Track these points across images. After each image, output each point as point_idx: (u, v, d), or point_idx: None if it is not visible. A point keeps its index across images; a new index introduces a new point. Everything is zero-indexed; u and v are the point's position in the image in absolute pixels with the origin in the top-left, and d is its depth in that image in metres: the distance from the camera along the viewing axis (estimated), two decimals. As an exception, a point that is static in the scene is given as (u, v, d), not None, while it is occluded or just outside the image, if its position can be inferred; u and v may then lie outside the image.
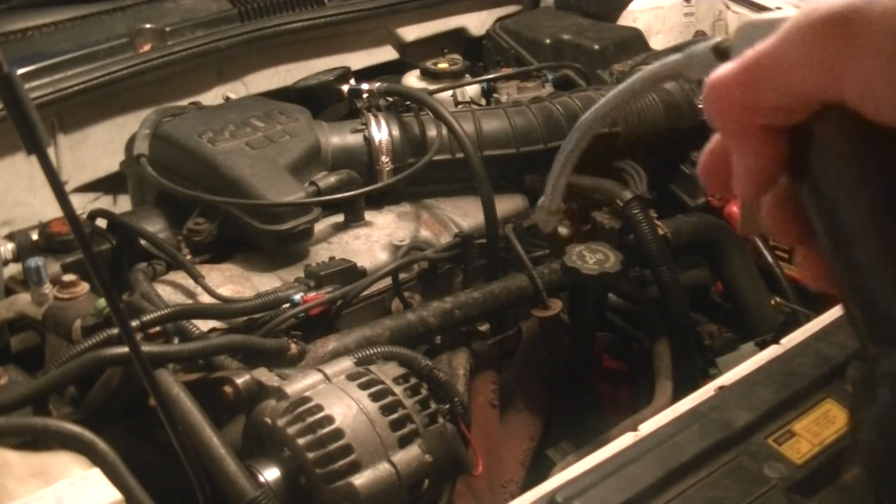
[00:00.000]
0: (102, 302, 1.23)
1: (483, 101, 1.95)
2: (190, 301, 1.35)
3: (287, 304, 1.31)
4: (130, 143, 1.61)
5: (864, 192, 0.37)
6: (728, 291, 1.76)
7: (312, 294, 1.33)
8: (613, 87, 1.88)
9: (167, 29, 1.85)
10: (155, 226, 1.53)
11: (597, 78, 2.06)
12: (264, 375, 1.14)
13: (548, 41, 2.16)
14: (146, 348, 1.09)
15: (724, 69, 0.40)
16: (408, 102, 1.70)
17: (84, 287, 1.32)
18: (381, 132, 1.63)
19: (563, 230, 1.63)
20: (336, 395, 1.08)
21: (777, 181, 0.42)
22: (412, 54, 2.22)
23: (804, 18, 0.38)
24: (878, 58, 0.36)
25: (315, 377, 1.13)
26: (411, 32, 2.23)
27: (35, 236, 1.44)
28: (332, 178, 1.54)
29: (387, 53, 2.22)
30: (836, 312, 1.23)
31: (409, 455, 1.05)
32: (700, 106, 1.85)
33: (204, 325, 1.26)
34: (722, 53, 0.46)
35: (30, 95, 0.77)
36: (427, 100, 1.63)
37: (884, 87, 0.36)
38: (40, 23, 1.80)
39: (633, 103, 1.80)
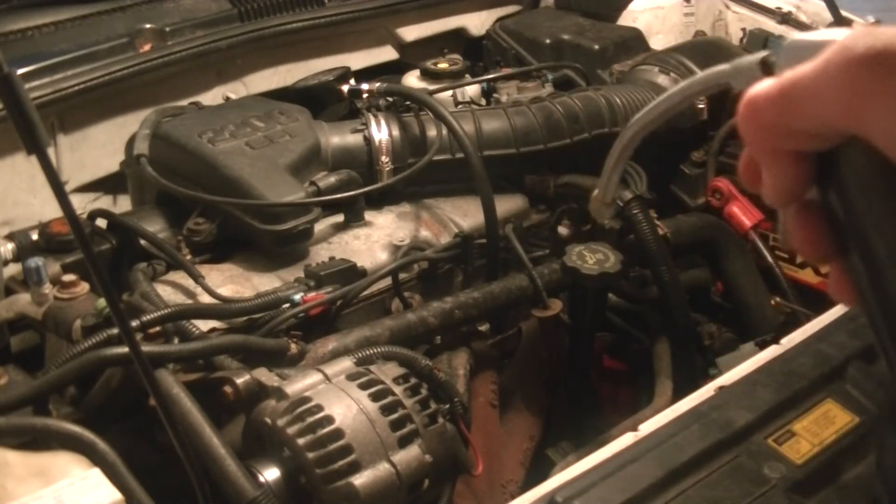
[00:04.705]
0: (102, 302, 1.23)
1: (483, 101, 1.95)
2: (190, 301, 1.35)
3: (287, 304, 1.31)
4: (130, 143, 1.61)
5: (889, 227, 0.38)
6: (728, 291, 1.76)
7: (312, 294, 1.33)
8: (614, 86, 1.87)
9: (167, 29, 1.85)
10: (155, 226, 1.53)
11: (597, 78, 2.06)
12: (264, 375, 1.14)
13: (548, 41, 2.15)
14: (146, 348, 1.09)
15: (762, 87, 0.40)
16: (408, 102, 1.70)
17: (84, 287, 1.32)
18: (381, 132, 1.63)
19: (562, 230, 1.63)
20: (336, 395, 1.08)
21: (804, 194, 0.42)
22: (412, 54, 2.22)
23: (841, 55, 0.37)
24: None
25: (315, 377, 1.13)
26: (411, 32, 2.23)
27: (35, 236, 1.44)
28: (332, 178, 1.54)
29: (387, 53, 2.22)
30: (836, 312, 1.23)
31: (409, 455, 1.05)
32: (700, 106, 1.86)
33: (204, 325, 1.26)
34: (767, 68, 0.46)
35: (30, 95, 0.77)
36: (427, 100, 1.63)
37: None
38: (40, 23, 1.80)
39: (633, 103, 1.80)
